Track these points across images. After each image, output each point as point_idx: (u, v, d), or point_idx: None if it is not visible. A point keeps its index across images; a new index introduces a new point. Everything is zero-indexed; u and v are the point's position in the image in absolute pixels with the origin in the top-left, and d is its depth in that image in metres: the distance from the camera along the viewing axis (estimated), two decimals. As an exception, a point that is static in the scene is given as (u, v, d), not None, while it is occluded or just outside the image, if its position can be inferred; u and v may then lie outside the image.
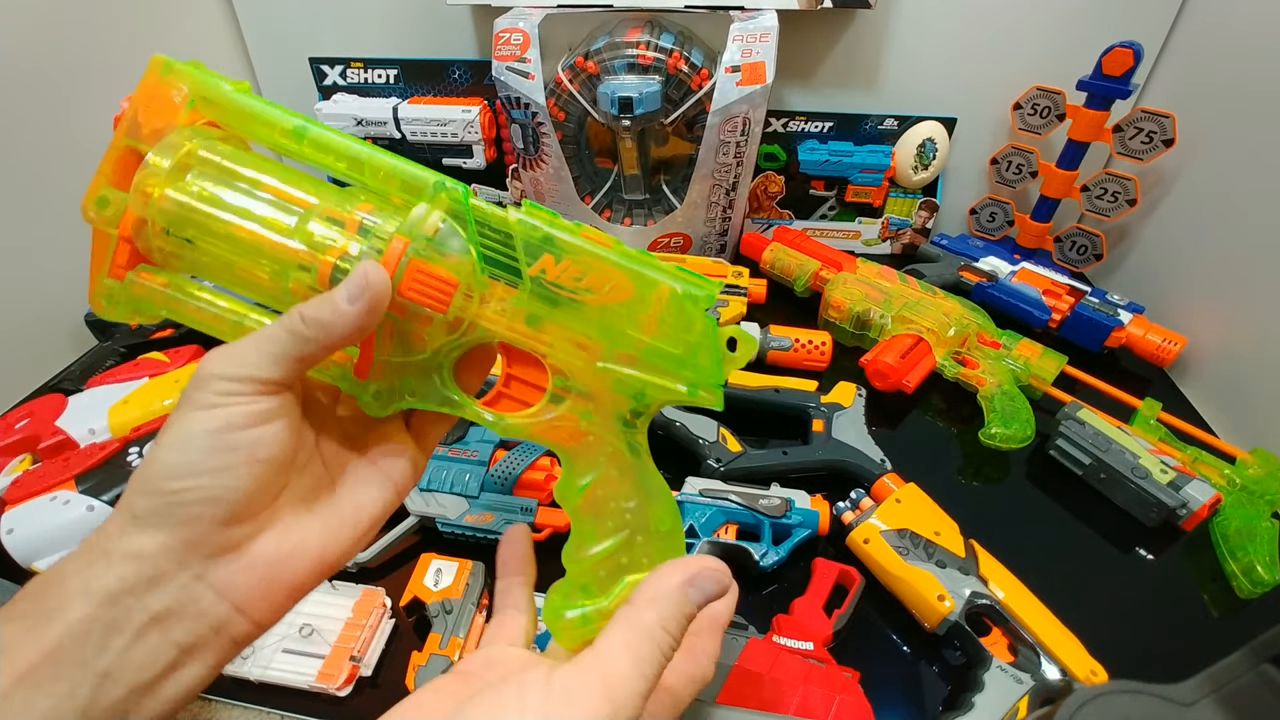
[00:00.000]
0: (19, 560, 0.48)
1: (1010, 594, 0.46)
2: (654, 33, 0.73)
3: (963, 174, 0.91)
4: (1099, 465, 0.57)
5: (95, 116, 0.75)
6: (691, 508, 0.53)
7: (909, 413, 0.68)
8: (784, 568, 0.51)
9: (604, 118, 0.74)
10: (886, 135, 0.87)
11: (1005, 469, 0.62)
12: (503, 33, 0.74)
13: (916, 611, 0.48)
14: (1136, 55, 0.71)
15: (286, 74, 0.95)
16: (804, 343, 0.70)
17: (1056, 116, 0.80)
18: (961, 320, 0.70)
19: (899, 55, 0.84)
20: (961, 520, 0.51)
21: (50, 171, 0.71)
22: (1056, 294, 0.76)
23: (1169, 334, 0.70)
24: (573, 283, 0.26)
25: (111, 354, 0.71)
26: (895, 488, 0.54)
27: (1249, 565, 0.50)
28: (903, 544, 0.49)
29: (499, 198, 0.95)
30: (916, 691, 0.46)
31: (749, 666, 0.41)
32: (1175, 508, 0.54)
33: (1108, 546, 0.56)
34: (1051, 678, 0.42)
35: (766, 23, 0.72)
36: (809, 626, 0.46)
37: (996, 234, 0.91)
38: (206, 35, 0.90)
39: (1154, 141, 0.74)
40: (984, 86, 0.84)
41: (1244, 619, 0.50)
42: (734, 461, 0.57)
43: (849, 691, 0.40)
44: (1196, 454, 0.59)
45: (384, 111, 0.88)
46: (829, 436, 0.60)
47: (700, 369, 0.27)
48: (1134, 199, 0.77)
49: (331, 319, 0.23)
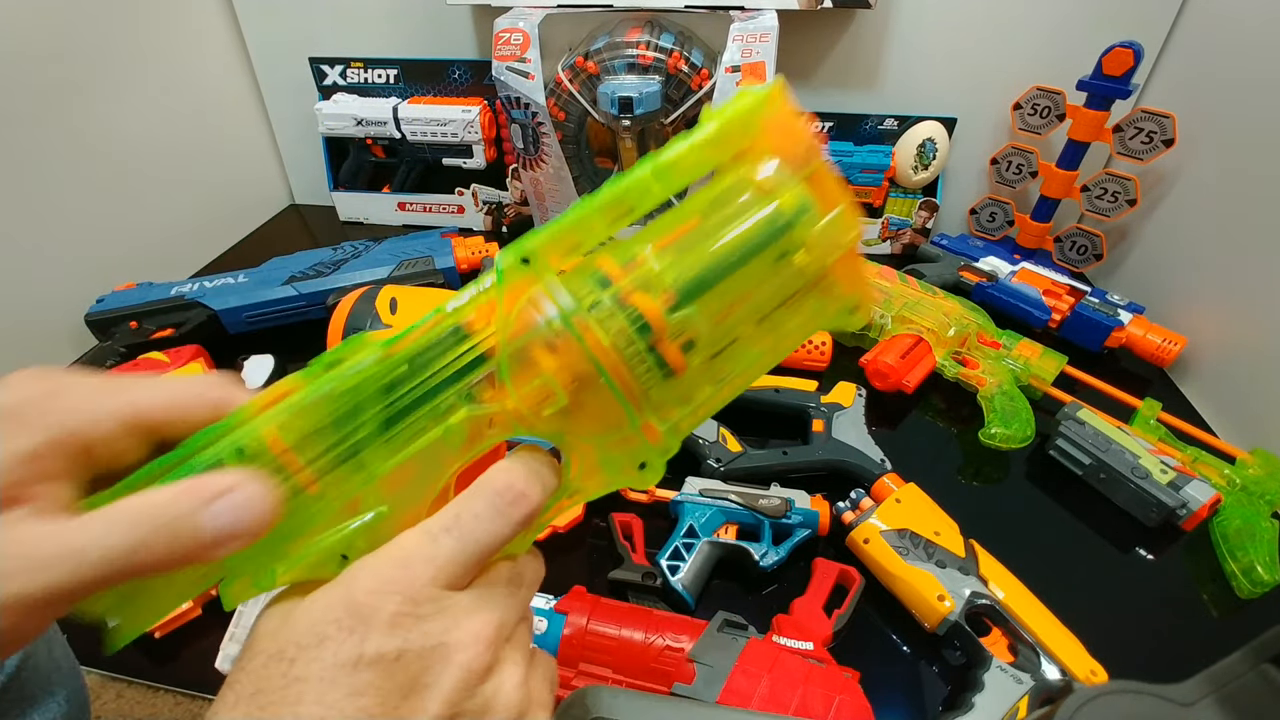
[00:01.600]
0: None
1: (1010, 594, 0.46)
2: (654, 33, 0.73)
3: (963, 174, 0.91)
4: (1099, 465, 0.57)
5: (95, 116, 0.76)
6: (691, 508, 0.53)
7: (909, 413, 0.68)
8: (784, 568, 0.51)
9: (604, 118, 0.74)
10: (886, 135, 0.87)
11: (1005, 469, 0.62)
12: (503, 33, 0.74)
13: (916, 611, 0.48)
14: (1136, 55, 0.71)
15: (286, 74, 0.95)
16: (804, 343, 0.70)
17: (1056, 116, 0.80)
18: (961, 320, 0.70)
19: (899, 55, 0.85)
20: (961, 520, 0.51)
21: (50, 171, 0.72)
22: (1056, 294, 0.76)
23: (1169, 334, 0.70)
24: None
25: (111, 354, 0.71)
26: (895, 488, 0.54)
27: (1249, 565, 0.50)
28: (903, 544, 0.49)
29: (499, 198, 0.95)
30: (916, 691, 0.46)
31: (749, 666, 0.41)
32: (1175, 508, 0.54)
33: (1108, 546, 0.55)
34: (1051, 678, 0.42)
35: (766, 23, 0.72)
36: (809, 626, 0.46)
37: (996, 234, 0.91)
38: (206, 35, 0.90)
39: (1154, 141, 0.74)
40: (984, 86, 0.84)
41: (1244, 619, 0.50)
42: (734, 461, 0.57)
43: (849, 691, 0.40)
44: (1196, 454, 0.59)
45: (384, 111, 0.88)
46: (829, 436, 0.60)
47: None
48: (1134, 199, 0.77)
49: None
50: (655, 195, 0.22)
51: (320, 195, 1.01)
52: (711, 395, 0.24)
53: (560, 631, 0.42)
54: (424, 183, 0.96)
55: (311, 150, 0.97)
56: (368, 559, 0.20)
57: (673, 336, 0.22)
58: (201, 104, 0.90)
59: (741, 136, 0.23)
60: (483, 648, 0.20)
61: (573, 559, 0.53)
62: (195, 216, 0.91)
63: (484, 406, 0.22)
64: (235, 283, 0.74)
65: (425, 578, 0.19)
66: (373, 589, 0.19)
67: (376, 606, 0.19)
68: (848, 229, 0.23)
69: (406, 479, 0.22)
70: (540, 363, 0.22)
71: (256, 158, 1.03)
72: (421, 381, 0.22)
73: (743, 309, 0.23)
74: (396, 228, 0.99)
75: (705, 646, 0.41)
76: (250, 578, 0.22)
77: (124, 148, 0.79)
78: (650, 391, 0.22)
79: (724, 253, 0.22)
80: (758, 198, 0.23)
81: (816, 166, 0.23)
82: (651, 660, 0.41)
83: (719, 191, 0.23)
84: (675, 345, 0.22)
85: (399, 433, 0.22)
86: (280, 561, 0.22)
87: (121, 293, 0.75)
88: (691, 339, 0.22)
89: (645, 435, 0.23)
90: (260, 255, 0.78)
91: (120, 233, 0.80)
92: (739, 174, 0.23)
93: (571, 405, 0.22)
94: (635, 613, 0.44)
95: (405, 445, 0.22)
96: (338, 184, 0.98)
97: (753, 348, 0.24)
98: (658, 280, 0.22)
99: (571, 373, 0.21)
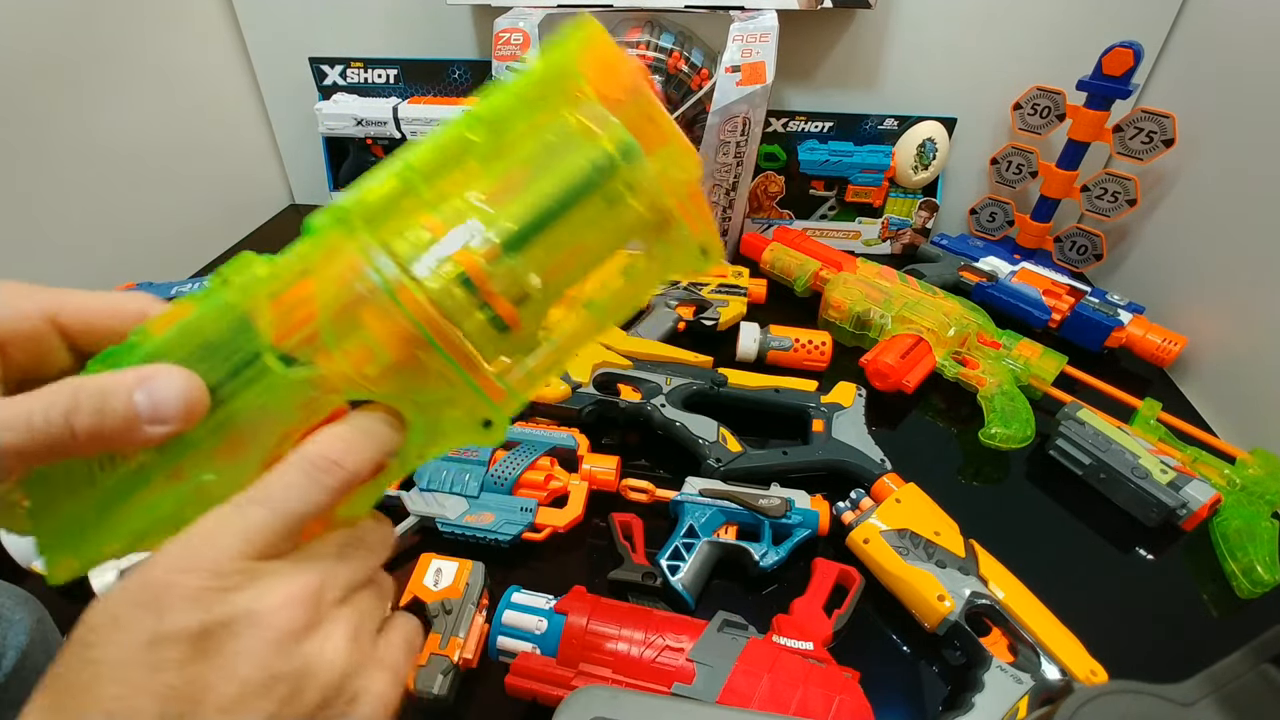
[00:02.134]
0: (19, 560, 0.48)
1: (1010, 594, 0.46)
2: (654, 33, 0.73)
3: (963, 174, 0.91)
4: (1099, 465, 0.57)
5: (95, 116, 0.76)
6: (691, 508, 0.53)
7: (909, 413, 0.68)
8: (784, 568, 0.51)
9: (604, 118, 0.74)
10: (886, 135, 0.87)
11: (1005, 469, 0.62)
12: (503, 33, 0.74)
13: (916, 611, 0.48)
14: (1136, 55, 0.71)
15: (286, 74, 0.95)
16: (804, 343, 0.70)
17: (1056, 116, 0.80)
18: (961, 320, 0.70)
19: (899, 55, 0.85)
20: (961, 520, 0.51)
21: (50, 171, 0.72)
22: (1056, 294, 0.76)
23: (1169, 334, 0.70)
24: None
25: (111, 354, 0.71)
26: (895, 488, 0.54)
27: (1249, 565, 0.50)
28: (903, 544, 0.49)
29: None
30: (916, 691, 0.46)
31: (749, 666, 0.41)
32: (1175, 508, 0.54)
33: (1108, 546, 0.55)
34: (1051, 678, 0.42)
35: (766, 23, 0.72)
36: (809, 626, 0.46)
37: (996, 234, 0.91)
38: (206, 35, 0.90)
39: (1154, 141, 0.74)
40: (984, 86, 0.84)
41: (1244, 619, 0.50)
42: (734, 461, 0.57)
43: (849, 691, 0.40)
44: (1196, 454, 0.59)
45: (384, 111, 0.88)
46: (829, 436, 0.60)
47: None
48: (1134, 199, 0.77)
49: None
50: (478, 148, 0.22)
51: (320, 195, 1.01)
52: (550, 351, 0.23)
53: (560, 631, 0.42)
54: (424, 183, 0.96)
55: (311, 150, 0.97)
56: (177, 538, 0.20)
57: (502, 290, 0.21)
58: (201, 104, 0.90)
59: (561, 79, 0.22)
60: (297, 609, 0.20)
61: (573, 559, 0.53)
62: (195, 216, 0.91)
63: (309, 369, 0.21)
64: (235, 283, 0.74)
65: (232, 550, 0.19)
66: (174, 566, 0.19)
67: (174, 583, 0.19)
68: (682, 167, 0.22)
69: (236, 446, 0.22)
70: (367, 325, 0.21)
71: (256, 158, 1.03)
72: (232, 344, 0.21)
73: (579, 257, 0.23)
74: (396, 228, 0.99)
75: (705, 646, 0.41)
76: (73, 551, 0.22)
77: (124, 148, 0.79)
78: (484, 348, 0.22)
79: (547, 198, 0.21)
80: (579, 140, 0.22)
81: (644, 105, 0.22)
82: (651, 660, 0.41)
83: (540, 136, 0.22)
84: (505, 299, 0.21)
85: (219, 394, 0.21)
86: (103, 534, 0.22)
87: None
88: (526, 291, 0.22)
89: (487, 393, 0.22)
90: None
91: (120, 233, 0.80)
92: (560, 117, 0.22)
93: (401, 365, 0.21)
94: (635, 613, 0.44)
95: (223, 406, 0.21)
96: (338, 184, 0.98)
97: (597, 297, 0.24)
98: (479, 231, 0.21)
99: (397, 333, 0.21)
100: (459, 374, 0.22)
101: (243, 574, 0.19)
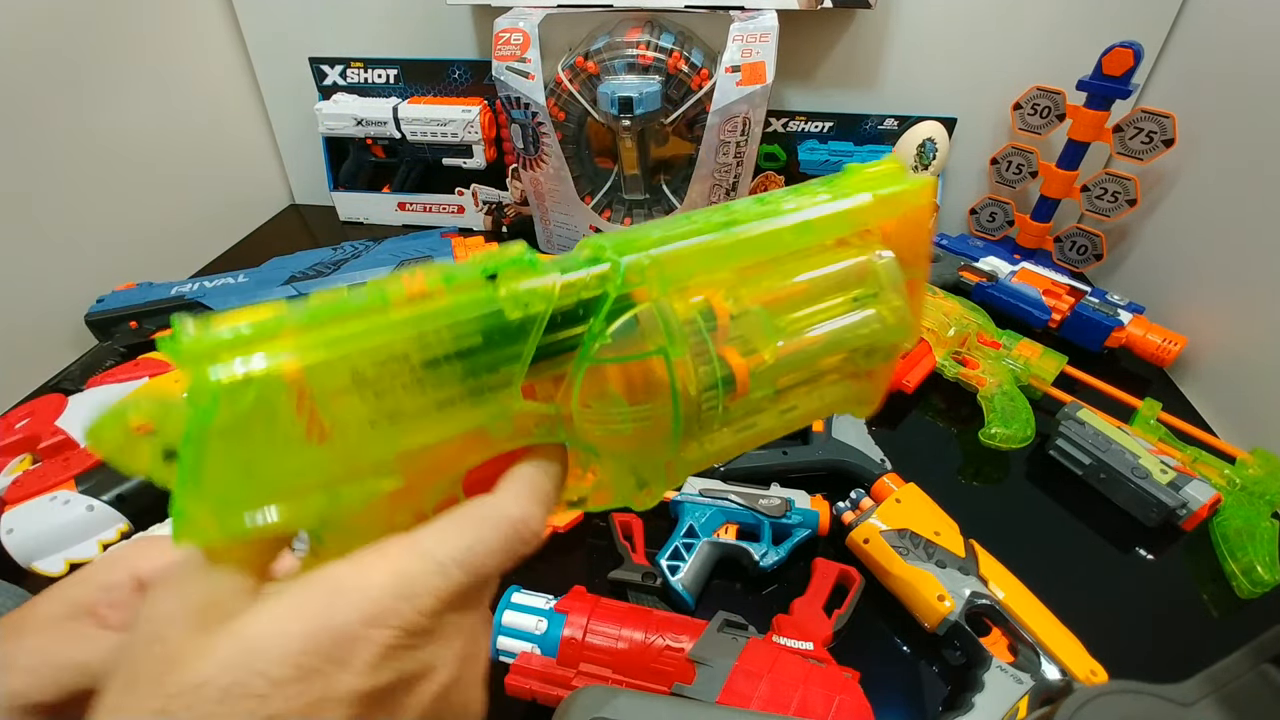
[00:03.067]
0: (19, 560, 0.48)
1: (1010, 594, 0.46)
2: (654, 33, 0.73)
3: (963, 174, 0.91)
4: (1099, 465, 0.57)
5: (95, 117, 0.76)
6: (691, 508, 0.53)
7: (909, 413, 0.68)
8: (784, 568, 0.51)
9: (604, 118, 0.74)
10: (886, 135, 0.87)
11: (1005, 469, 0.62)
12: (503, 33, 0.74)
13: (916, 611, 0.48)
14: (1136, 55, 0.71)
15: (286, 74, 0.95)
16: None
17: (1056, 116, 0.80)
18: (961, 320, 0.70)
19: (899, 55, 0.84)
20: (961, 520, 0.51)
21: (50, 171, 0.72)
22: (1056, 294, 0.76)
23: (1169, 334, 0.70)
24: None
25: (111, 354, 0.71)
26: (895, 488, 0.54)
27: (1249, 565, 0.50)
28: (903, 544, 0.49)
29: (499, 198, 0.95)
30: (916, 691, 0.46)
31: (749, 666, 0.41)
32: (1175, 508, 0.54)
33: (1108, 546, 0.55)
34: (1051, 678, 0.42)
35: (766, 23, 0.72)
36: (809, 626, 0.46)
37: (996, 234, 0.91)
38: (206, 35, 0.90)
39: (1154, 141, 0.74)
40: (984, 86, 0.84)
41: (1244, 619, 0.50)
42: (734, 461, 0.57)
43: (849, 691, 0.40)
44: (1196, 454, 0.59)
45: (384, 111, 0.88)
46: (829, 436, 0.60)
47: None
48: (1134, 199, 0.77)
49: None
50: (787, 244, 0.22)
51: (320, 195, 1.01)
52: (730, 444, 0.24)
53: (560, 631, 0.42)
54: (424, 183, 0.96)
55: (311, 150, 0.97)
56: (366, 576, 0.18)
57: (744, 395, 0.22)
58: (201, 104, 0.90)
59: (882, 216, 0.23)
60: (462, 664, 0.20)
61: (573, 559, 0.53)
62: (195, 216, 0.91)
63: (541, 405, 0.20)
64: (235, 283, 0.74)
65: (429, 610, 0.18)
66: (368, 619, 0.17)
67: (367, 639, 0.17)
68: (909, 347, 0.24)
69: (435, 456, 0.20)
70: (611, 378, 0.20)
71: (256, 158, 1.03)
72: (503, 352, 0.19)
73: (801, 383, 0.24)
74: (396, 228, 0.99)
75: (705, 646, 0.41)
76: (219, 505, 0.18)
77: (124, 148, 0.79)
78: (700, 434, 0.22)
79: (821, 340, 0.23)
80: (866, 294, 0.23)
81: (920, 273, 0.23)
82: (651, 660, 0.41)
83: (838, 269, 0.23)
84: (739, 401, 0.22)
85: (451, 405, 0.20)
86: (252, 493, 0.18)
87: (121, 293, 0.75)
88: (769, 392, 0.23)
89: (665, 466, 0.23)
90: (260, 255, 0.79)
91: (120, 233, 0.80)
92: (861, 257, 0.23)
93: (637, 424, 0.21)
94: (635, 613, 0.44)
95: (451, 420, 0.19)
96: (338, 184, 0.98)
97: (789, 414, 0.25)
98: (758, 343, 0.22)
99: (643, 395, 0.20)
100: (672, 450, 0.22)
101: (430, 634, 0.19)
